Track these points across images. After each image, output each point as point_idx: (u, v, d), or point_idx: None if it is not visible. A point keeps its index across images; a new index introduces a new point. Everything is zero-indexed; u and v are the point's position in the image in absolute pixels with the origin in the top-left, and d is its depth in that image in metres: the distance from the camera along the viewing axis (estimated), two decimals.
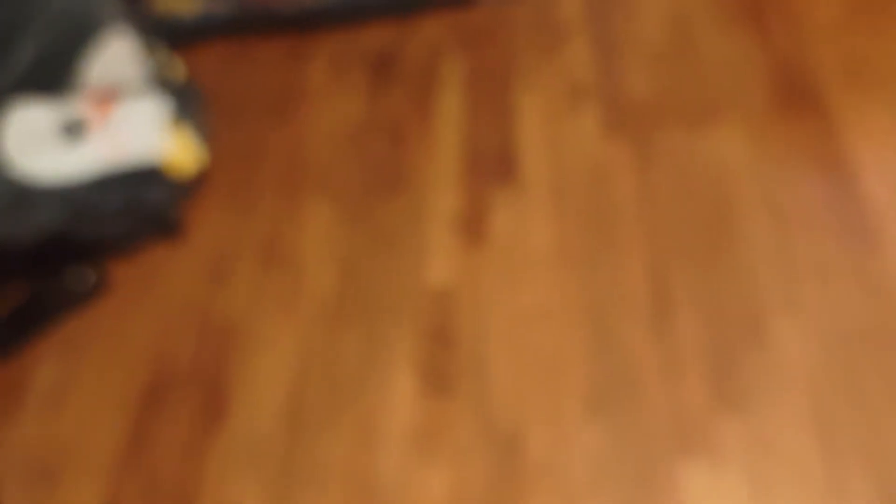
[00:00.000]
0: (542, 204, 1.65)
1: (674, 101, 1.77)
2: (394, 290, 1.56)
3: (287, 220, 1.70)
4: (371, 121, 1.85)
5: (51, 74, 1.59)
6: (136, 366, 1.52)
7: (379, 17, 2.04)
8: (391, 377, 1.45)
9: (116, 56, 1.65)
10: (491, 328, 1.49)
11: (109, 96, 1.67)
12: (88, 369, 1.53)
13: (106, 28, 1.63)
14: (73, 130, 1.63)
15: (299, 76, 1.96)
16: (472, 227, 1.64)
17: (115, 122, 1.67)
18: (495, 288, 1.54)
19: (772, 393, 1.35)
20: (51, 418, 1.47)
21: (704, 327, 1.44)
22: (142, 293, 1.63)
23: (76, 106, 1.63)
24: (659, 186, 1.64)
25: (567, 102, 1.80)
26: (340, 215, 1.70)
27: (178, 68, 1.83)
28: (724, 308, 1.45)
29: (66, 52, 1.60)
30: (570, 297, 1.50)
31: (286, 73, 1.97)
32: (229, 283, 1.62)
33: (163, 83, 1.75)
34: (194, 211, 1.74)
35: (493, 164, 1.73)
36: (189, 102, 1.78)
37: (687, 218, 1.58)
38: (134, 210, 1.66)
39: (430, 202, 1.69)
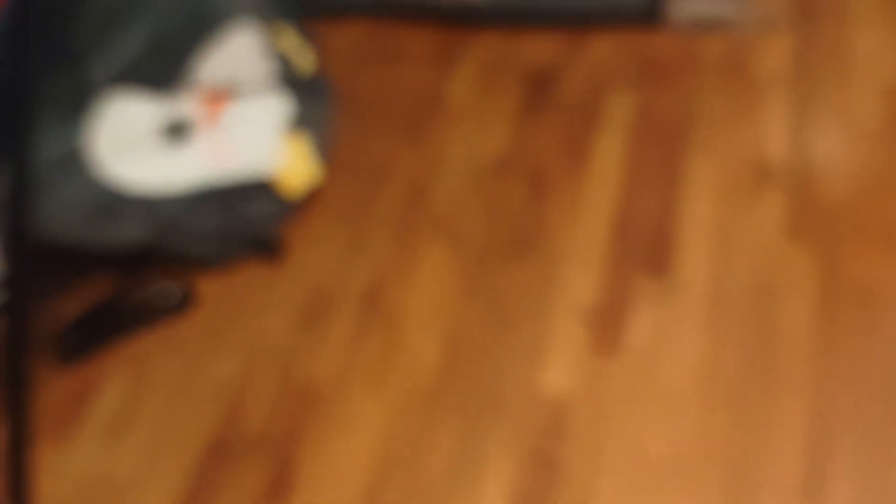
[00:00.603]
0: (695, 311, 1.40)
1: (876, 208, 1.48)
2: (502, 383, 1.35)
3: (396, 265, 1.49)
4: (512, 156, 1.61)
5: (160, 67, 1.39)
6: (206, 407, 1.38)
7: (545, 26, 1.76)
8: (481, 497, 1.25)
9: (237, 52, 1.44)
10: (607, 465, 1.26)
11: (222, 94, 1.47)
12: (156, 398, 1.39)
13: (230, 20, 1.41)
14: (177, 132, 1.44)
15: (442, 82, 1.72)
16: (607, 324, 1.40)
17: (225, 125, 1.47)
18: (621, 412, 1.31)
19: None
20: (109, 452, 1.35)
21: None
22: (227, 322, 1.46)
23: (183, 103, 1.43)
24: (840, 319, 1.37)
25: (749, 183, 1.52)
26: (456, 272, 1.48)
27: (308, 57, 1.60)
28: (886, 494, 1.20)
29: (180, 43, 1.40)
30: (709, 443, 1.27)
31: (428, 76, 1.73)
32: (321, 332, 1.43)
33: (287, 79, 1.53)
34: (298, 232, 1.54)
35: (645, 246, 1.47)
36: (314, 102, 1.57)
37: (866, 368, 1.32)
38: (231, 229, 1.47)
39: (562, 279, 1.45)
